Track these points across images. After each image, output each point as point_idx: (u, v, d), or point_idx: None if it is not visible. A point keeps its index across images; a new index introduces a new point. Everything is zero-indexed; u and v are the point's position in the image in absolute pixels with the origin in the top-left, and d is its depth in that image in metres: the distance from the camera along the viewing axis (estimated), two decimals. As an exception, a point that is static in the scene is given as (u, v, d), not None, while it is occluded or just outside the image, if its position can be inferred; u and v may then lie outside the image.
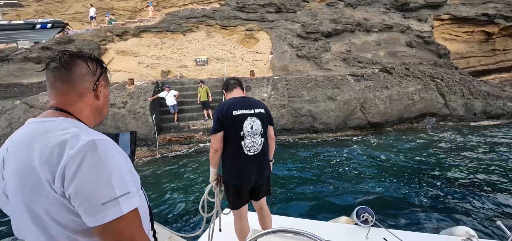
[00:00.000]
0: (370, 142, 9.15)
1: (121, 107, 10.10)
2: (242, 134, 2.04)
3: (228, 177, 2.13)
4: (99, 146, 0.74)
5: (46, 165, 0.71)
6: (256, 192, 2.28)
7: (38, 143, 0.74)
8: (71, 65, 0.86)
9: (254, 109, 2.12)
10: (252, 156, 2.09)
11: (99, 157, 0.72)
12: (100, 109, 0.96)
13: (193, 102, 11.41)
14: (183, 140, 10.10)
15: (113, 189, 0.72)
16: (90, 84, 0.90)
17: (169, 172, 7.64)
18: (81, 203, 0.70)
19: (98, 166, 0.72)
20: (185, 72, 14.09)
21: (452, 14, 18.02)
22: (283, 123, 10.15)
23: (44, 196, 0.72)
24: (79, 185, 0.69)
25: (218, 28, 16.04)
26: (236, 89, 2.29)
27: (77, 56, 0.88)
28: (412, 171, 6.42)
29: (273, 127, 2.34)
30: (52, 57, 0.86)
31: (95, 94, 0.92)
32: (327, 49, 14.02)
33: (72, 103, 0.87)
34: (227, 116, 2.03)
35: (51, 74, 0.86)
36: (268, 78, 11.54)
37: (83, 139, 0.73)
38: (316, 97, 10.37)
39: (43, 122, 0.80)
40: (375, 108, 10.54)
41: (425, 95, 11.22)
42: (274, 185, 5.86)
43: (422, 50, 15.07)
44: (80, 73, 0.87)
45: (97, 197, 0.70)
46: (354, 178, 6.14)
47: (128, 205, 0.74)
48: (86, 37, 14.72)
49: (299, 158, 7.83)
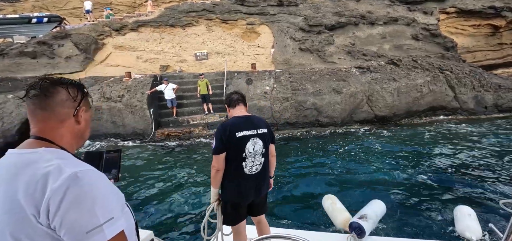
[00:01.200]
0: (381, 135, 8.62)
1: (118, 101, 9.62)
2: (244, 155, 2.02)
3: (227, 195, 2.12)
4: (80, 177, 0.74)
5: (30, 199, 0.71)
6: (254, 209, 2.28)
7: (22, 176, 0.74)
8: (51, 92, 0.85)
9: (257, 130, 2.09)
10: (252, 175, 2.09)
11: (81, 188, 0.73)
12: (81, 133, 0.95)
13: (193, 96, 10.92)
14: (182, 135, 9.61)
15: (96, 217, 0.73)
16: (70, 110, 0.89)
17: (165, 168, 7.16)
18: (66, 233, 0.71)
19: (81, 197, 0.72)
20: (184, 66, 13.60)
21: (458, 7, 17.45)
22: (287, 116, 9.64)
23: (32, 230, 0.72)
24: (63, 217, 0.70)
25: (218, 22, 15.55)
26: (239, 106, 2.23)
27: (57, 83, 0.87)
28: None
29: (274, 145, 2.32)
30: (32, 84, 0.85)
31: (76, 119, 0.91)
32: (330, 42, 13.50)
33: (52, 129, 0.86)
34: (230, 137, 1.99)
35: (30, 102, 0.84)
36: (270, 71, 11.04)
37: (65, 171, 0.74)
38: (321, 89, 9.86)
39: (25, 154, 0.79)
40: (382, 101, 10.02)
41: (434, 88, 10.69)
42: (274, 184, 5.35)
43: (428, 43, 14.53)
44: (60, 100, 0.86)
45: (81, 226, 0.71)
46: (363, 179, 5.59)
47: (112, 230, 0.75)
48: (84, 31, 14.26)
49: (305, 154, 7.33)
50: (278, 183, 5.43)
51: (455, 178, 5.35)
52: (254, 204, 2.23)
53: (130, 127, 9.49)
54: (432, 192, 4.84)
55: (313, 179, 5.60)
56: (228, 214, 2.17)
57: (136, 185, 5.77)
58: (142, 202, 4.97)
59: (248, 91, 10.01)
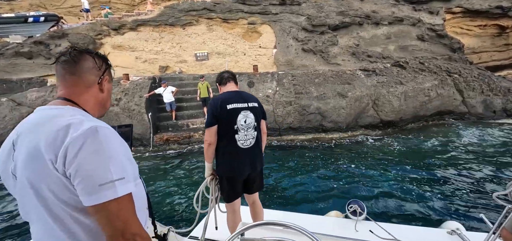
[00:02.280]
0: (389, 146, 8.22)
1: (115, 105, 9.23)
2: (236, 127, 2.03)
3: (222, 170, 2.12)
4: (100, 132, 0.77)
5: (50, 147, 0.74)
6: (249, 185, 2.27)
7: (45, 127, 0.78)
8: (79, 59, 0.91)
9: (248, 103, 2.10)
10: (246, 149, 2.09)
11: (100, 142, 0.76)
12: (104, 102, 1.01)
13: (193, 99, 10.53)
14: (181, 139, 9.23)
15: (110, 173, 0.75)
16: (96, 78, 0.95)
17: (163, 170, 6.84)
18: (80, 182, 0.73)
19: (98, 150, 0.75)
20: (184, 67, 13.19)
21: (464, 7, 16.95)
22: (290, 121, 9.25)
23: (47, 175, 0.75)
24: (79, 165, 0.73)
25: (219, 21, 15.09)
26: (230, 83, 2.25)
27: (85, 52, 0.94)
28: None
29: (266, 121, 2.33)
30: (63, 52, 0.91)
31: (100, 87, 0.97)
32: (334, 43, 13.06)
33: (79, 94, 0.92)
34: (221, 110, 2.01)
35: (60, 66, 0.90)
36: (272, 73, 10.62)
37: (86, 124, 0.77)
38: (325, 93, 9.45)
39: (51, 109, 0.85)
40: (388, 105, 9.61)
41: (442, 92, 10.27)
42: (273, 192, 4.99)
43: (434, 44, 14.07)
44: (87, 67, 0.93)
45: (95, 178, 0.73)
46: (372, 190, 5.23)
47: (123, 189, 0.77)
48: (81, 31, 13.83)
49: (310, 164, 6.94)
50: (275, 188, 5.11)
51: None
52: (250, 179, 2.21)
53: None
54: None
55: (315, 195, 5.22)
56: (224, 190, 2.15)
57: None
58: None
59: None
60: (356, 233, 2.22)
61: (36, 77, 11.35)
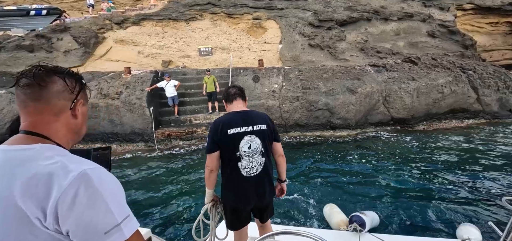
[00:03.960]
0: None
1: (115, 98, 8.85)
2: (238, 154, 1.82)
3: (225, 199, 1.94)
4: (91, 176, 0.67)
5: (31, 201, 0.63)
6: (259, 214, 2.07)
7: (18, 176, 0.65)
8: (46, 81, 0.74)
9: (253, 126, 1.87)
10: (251, 177, 1.86)
11: (94, 188, 0.66)
12: (78, 129, 0.84)
13: (196, 94, 10.12)
14: (183, 135, 8.82)
15: (113, 216, 0.67)
16: (67, 102, 0.79)
17: (167, 170, 6.44)
18: (82, 236, 0.64)
19: (95, 197, 0.66)
20: (187, 62, 12.79)
21: (476, 3, 16.33)
22: (296, 117, 8.79)
23: (30, 233, 0.64)
24: (78, 219, 0.63)
25: (224, 16, 14.67)
26: (236, 101, 2.01)
27: (53, 72, 0.77)
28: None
29: (280, 143, 2.05)
30: (24, 72, 0.74)
31: (73, 113, 0.81)
32: (342, 38, 12.56)
33: (46, 123, 0.76)
34: (221, 135, 1.81)
35: (22, 92, 0.73)
36: (278, 68, 10.17)
37: (73, 170, 0.66)
38: (334, 88, 8.97)
39: (17, 151, 0.69)
40: (400, 102, 9.10)
41: (456, 88, 9.73)
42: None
43: (446, 41, 13.50)
44: (56, 91, 0.76)
45: (99, 227, 0.65)
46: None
47: (129, 228, 0.70)
48: (83, 25, 13.51)
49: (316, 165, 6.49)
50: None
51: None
52: (257, 208, 2.01)
53: (128, 126, 8.73)
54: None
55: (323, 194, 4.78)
56: (228, 218, 1.99)
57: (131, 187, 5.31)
58: (137, 202, 4.75)
59: (255, 89, 9.17)
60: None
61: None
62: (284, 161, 2.05)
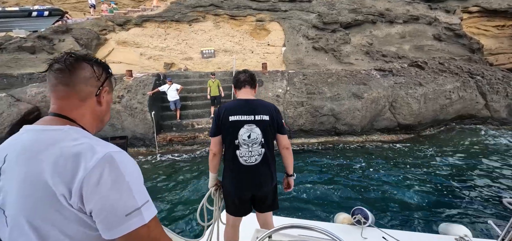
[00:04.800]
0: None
1: (117, 102, 8.65)
2: (237, 142, 1.79)
3: (224, 183, 1.93)
4: (116, 159, 0.69)
5: (59, 179, 0.65)
6: (258, 205, 1.98)
7: (47, 155, 0.67)
8: (75, 67, 0.78)
9: (255, 116, 1.81)
10: (249, 166, 1.81)
11: (118, 170, 0.68)
12: (102, 116, 0.88)
13: (198, 98, 9.91)
14: (185, 140, 8.62)
15: (134, 200, 0.69)
16: (93, 89, 0.82)
17: (168, 175, 6.27)
18: (105, 217, 0.66)
19: (118, 179, 0.68)
20: (190, 64, 12.59)
21: (482, 6, 16.00)
22: (301, 123, 8.56)
23: (56, 211, 0.66)
24: (102, 200, 0.65)
25: (227, 18, 14.46)
26: (245, 88, 1.94)
27: (82, 59, 0.80)
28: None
29: (286, 136, 1.96)
30: (57, 59, 0.78)
31: (98, 100, 0.84)
32: (347, 41, 12.30)
33: (73, 108, 0.79)
34: (223, 121, 1.81)
35: (53, 76, 0.77)
36: (282, 72, 9.94)
37: (98, 151, 0.68)
38: (339, 94, 8.73)
39: (47, 131, 0.72)
40: (407, 108, 8.85)
41: (464, 94, 9.46)
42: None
43: (452, 44, 13.21)
44: (84, 77, 0.79)
45: (121, 209, 0.67)
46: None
47: (150, 213, 0.71)
48: (85, 26, 13.34)
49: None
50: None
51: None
52: (258, 198, 1.94)
53: (129, 131, 8.53)
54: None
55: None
56: (227, 201, 1.97)
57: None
58: None
59: (259, 94, 8.94)
60: (362, 238, 2.21)
61: (38, 73, 10.84)
62: (290, 154, 1.97)
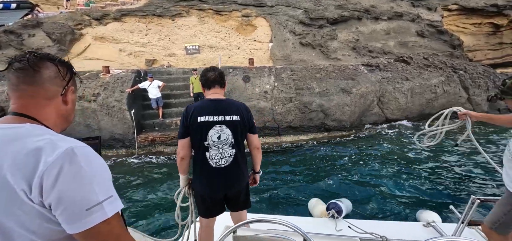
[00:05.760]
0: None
1: (92, 101, 7.93)
2: (206, 144, 1.70)
3: (194, 185, 1.85)
4: (77, 153, 0.65)
5: (19, 174, 0.62)
6: (230, 203, 1.91)
7: (8, 151, 0.64)
8: (40, 66, 0.74)
9: (224, 116, 1.73)
10: (220, 168, 1.74)
11: (79, 164, 0.65)
12: (67, 115, 0.84)
13: (182, 95, 9.34)
14: (169, 140, 8.05)
15: (96, 194, 0.65)
16: (58, 88, 0.78)
17: (147, 176, 5.76)
18: (63, 210, 0.63)
19: (79, 173, 0.64)
20: (173, 61, 11.95)
21: (461, 4, 16.46)
22: (290, 120, 8.23)
23: (17, 207, 0.63)
24: (61, 193, 0.62)
25: (211, 13, 13.91)
26: (214, 88, 1.83)
27: (47, 58, 0.76)
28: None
29: (256, 135, 1.91)
30: (17, 57, 0.73)
31: (64, 99, 0.80)
32: (334, 37, 12.14)
33: (38, 107, 0.75)
34: (191, 122, 1.70)
35: (14, 75, 0.72)
36: (270, 68, 9.58)
37: (60, 146, 0.65)
38: (328, 89, 8.49)
39: (8, 129, 0.68)
40: (394, 102, 8.77)
41: (448, 88, 9.53)
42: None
43: (434, 40, 13.41)
44: (49, 76, 0.75)
45: (81, 203, 0.63)
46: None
47: (112, 208, 0.68)
48: (59, 20, 12.33)
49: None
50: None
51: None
52: (230, 198, 1.88)
53: (107, 132, 7.85)
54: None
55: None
56: (198, 204, 1.89)
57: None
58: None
59: (246, 90, 8.53)
60: (336, 231, 2.30)
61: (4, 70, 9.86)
62: (259, 153, 1.93)
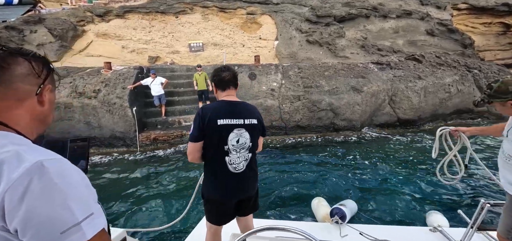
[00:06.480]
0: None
1: (92, 97, 7.58)
2: (226, 148, 1.60)
3: (207, 190, 1.72)
4: (47, 167, 0.54)
5: None
6: (241, 208, 1.82)
7: None
8: (9, 62, 0.62)
9: (244, 120, 1.64)
10: (238, 174, 1.66)
11: (50, 179, 0.54)
12: (44, 117, 0.71)
13: (185, 93, 8.97)
14: (172, 139, 7.67)
15: (72, 213, 0.54)
16: (33, 87, 0.66)
17: (145, 172, 5.46)
18: (33, 236, 0.52)
19: (50, 190, 0.53)
20: (177, 58, 11.59)
21: (470, 3, 15.90)
22: (298, 119, 7.82)
23: None
24: (28, 214, 0.51)
25: (216, 10, 13.53)
26: (229, 89, 1.71)
27: (18, 53, 0.64)
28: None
29: (263, 138, 1.87)
30: None
31: (39, 100, 0.68)
32: (341, 35, 11.70)
33: (7, 109, 0.63)
34: (209, 125, 1.57)
35: None
36: (276, 65, 9.17)
37: (26, 159, 0.54)
38: (338, 87, 8.06)
39: None
40: (407, 102, 8.31)
41: (462, 88, 9.05)
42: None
43: (445, 39, 12.92)
44: (20, 74, 0.64)
45: (54, 225, 0.53)
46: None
47: (92, 228, 0.57)
48: (61, 16, 12.02)
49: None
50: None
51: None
52: (241, 202, 1.77)
53: (107, 129, 7.49)
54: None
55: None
56: (208, 211, 1.74)
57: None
58: (112, 200, 4.34)
59: (252, 88, 8.13)
60: (340, 238, 2.21)
61: None
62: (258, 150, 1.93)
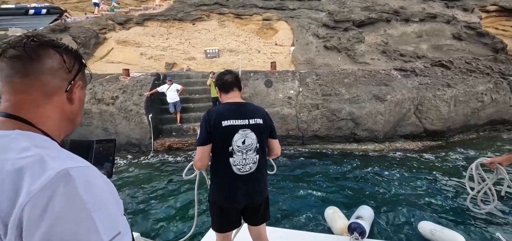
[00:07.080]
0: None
1: (110, 104, 7.60)
2: (231, 149, 1.55)
3: (212, 195, 1.66)
4: (75, 177, 0.47)
5: None
6: (250, 216, 1.72)
7: None
8: (39, 54, 0.55)
9: (249, 120, 1.59)
10: (243, 175, 1.58)
11: (76, 192, 0.47)
12: (74, 116, 0.64)
13: (201, 99, 8.83)
14: (186, 146, 7.51)
15: (98, 233, 0.47)
16: (63, 83, 0.59)
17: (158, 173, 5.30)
18: None
19: (75, 205, 0.46)
20: (193, 65, 11.54)
21: (500, 5, 14.76)
22: (316, 128, 7.40)
23: None
24: (49, 233, 0.43)
25: (232, 17, 13.43)
26: (233, 91, 1.69)
27: (49, 45, 0.57)
28: None
29: (277, 140, 1.75)
30: (13, 42, 0.55)
31: (69, 97, 0.61)
32: (361, 40, 11.16)
33: (33, 105, 0.56)
34: (214, 126, 1.54)
35: (7, 64, 0.54)
36: (293, 72, 8.82)
37: (51, 167, 0.47)
38: (359, 95, 7.57)
39: None
40: (435, 112, 7.65)
41: (497, 97, 8.22)
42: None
43: (473, 43, 11.98)
44: (50, 67, 0.57)
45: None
46: None
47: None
48: (84, 24, 12.39)
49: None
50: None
51: None
52: (250, 208, 1.67)
53: (123, 136, 7.46)
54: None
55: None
56: (214, 217, 1.67)
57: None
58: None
59: (268, 95, 7.83)
60: None
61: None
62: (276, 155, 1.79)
